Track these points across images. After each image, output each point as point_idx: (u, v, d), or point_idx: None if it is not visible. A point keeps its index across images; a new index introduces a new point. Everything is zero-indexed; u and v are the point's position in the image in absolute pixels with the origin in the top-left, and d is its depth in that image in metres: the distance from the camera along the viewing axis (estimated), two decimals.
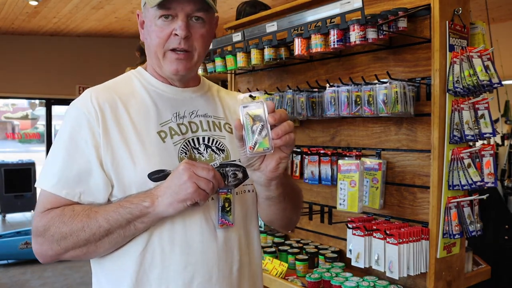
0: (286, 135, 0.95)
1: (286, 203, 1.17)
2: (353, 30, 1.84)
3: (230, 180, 1.16)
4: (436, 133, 1.78)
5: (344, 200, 1.93)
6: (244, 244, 1.20)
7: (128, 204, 1.04)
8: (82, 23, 7.33)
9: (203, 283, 1.10)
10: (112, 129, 1.09)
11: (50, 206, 1.08)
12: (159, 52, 1.13)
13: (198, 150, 1.16)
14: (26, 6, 6.25)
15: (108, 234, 1.04)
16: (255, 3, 3.07)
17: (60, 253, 1.07)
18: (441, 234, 1.79)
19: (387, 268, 1.79)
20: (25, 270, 5.19)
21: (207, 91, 1.28)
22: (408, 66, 1.95)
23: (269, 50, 2.27)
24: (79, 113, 1.10)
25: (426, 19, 1.85)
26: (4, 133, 15.23)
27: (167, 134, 1.14)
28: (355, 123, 2.20)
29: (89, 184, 1.08)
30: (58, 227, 1.04)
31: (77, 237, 1.04)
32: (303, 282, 2.06)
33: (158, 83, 1.20)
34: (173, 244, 1.09)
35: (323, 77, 2.33)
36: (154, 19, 1.11)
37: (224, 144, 1.20)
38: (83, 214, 1.05)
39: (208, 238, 1.11)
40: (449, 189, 1.77)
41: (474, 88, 1.75)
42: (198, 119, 1.20)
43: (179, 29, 1.08)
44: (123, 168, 1.08)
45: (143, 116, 1.14)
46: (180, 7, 1.08)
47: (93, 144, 1.08)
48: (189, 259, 1.09)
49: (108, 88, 1.17)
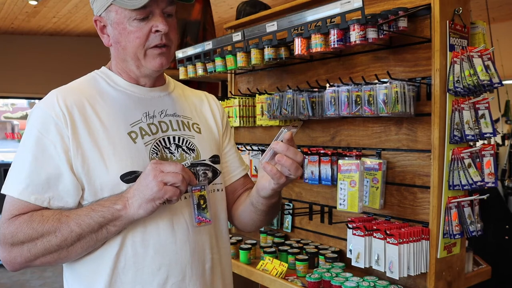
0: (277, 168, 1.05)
1: (266, 216, 1.25)
2: (353, 30, 1.84)
3: (201, 179, 1.19)
4: (436, 133, 1.77)
5: (344, 200, 1.93)
6: (215, 243, 1.22)
7: (100, 208, 1.03)
8: (81, 22, 7.33)
9: (177, 283, 1.11)
10: (81, 131, 1.07)
11: (18, 213, 1.05)
12: (139, 52, 1.12)
13: (170, 150, 1.16)
14: (26, 6, 6.25)
15: (80, 239, 1.03)
16: (255, 3, 3.07)
17: (29, 260, 1.04)
18: (442, 234, 1.78)
19: (387, 268, 1.79)
20: (25, 270, 5.19)
21: (173, 90, 1.29)
22: (409, 66, 1.95)
23: (269, 50, 2.27)
24: (46, 116, 1.07)
25: (426, 19, 1.85)
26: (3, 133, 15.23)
27: (138, 134, 1.13)
28: (355, 123, 2.20)
29: (58, 189, 1.06)
30: (27, 233, 1.01)
31: (48, 242, 1.02)
32: (303, 282, 2.06)
33: (125, 83, 1.19)
34: (147, 246, 1.09)
35: (323, 77, 2.33)
36: (127, 21, 1.09)
37: (193, 143, 1.21)
38: (53, 219, 1.02)
39: (181, 239, 1.12)
40: (450, 189, 1.77)
41: (475, 88, 1.75)
42: (168, 119, 1.20)
43: (160, 25, 1.09)
44: (94, 171, 1.06)
45: (113, 117, 1.12)
46: (155, 4, 1.09)
47: (62, 148, 1.05)
48: (163, 260, 1.10)
49: (74, 89, 1.15)
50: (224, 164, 1.33)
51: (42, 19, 7.03)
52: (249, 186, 1.37)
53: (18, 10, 6.49)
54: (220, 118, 1.35)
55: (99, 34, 1.18)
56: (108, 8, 1.12)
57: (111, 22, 1.13)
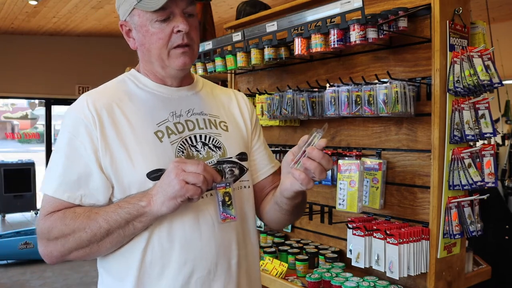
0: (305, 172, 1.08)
1: (290, 215, 1.27)
2: (353, 29, 1.84)
3: (228, 177, 1.20)
4: (436, 133, 1.77)
5: (344, 200, 1.92)
6: (242, 239, 1.23)
7: (126, 205, 1.07)
8: (81, 22, 7.33)
9: (202, 278, 1.14)
10: (109, 132, 1.12)
11: (53, 210, 1.11)
12: (163, 53, 1.15)
13: (196, 148, 1.19)
14: (26, 6, 6.25)
15: (109, 234, 1.07)
16: (255, 3, 3.07)
17: (64, 254, 1.11)
18: (442, 234, 1.78)
19: (387, 268, 1.79)
20: (25, 270, 5.18)
21: (201, 89, 1.31)
22: (409, 66, 1.94)
23: (269, 50, 2.27)
24: (77, 119, 1.13)
25: (426, 19, 1.85)
26: (3, 133, 15.23)
27: (164, 133, 1.16)
28: (355, 123, 2.20)
29: (89, 187, 1.11)
30: (60, 229, 1.08)
31: (79, 238, 1.07)
32: (303, 282, 2.06)
33: (153, 84, 1.22)
34: (172, 241, 1.12)
35: (323, 77, 2.33)
36: (149, 23, 1.13)
37: (220, 141, 1.23)
38: (84, 216, 1.08)
39: (207, 234, 1.15)
40: (450, 189, 1.77)
41: (475, 88, 1.75)
42: (195, 117, 1.22)
43: (181, 25, 1.12)
44: (122, 169, 1.11)
45: (140, 117, 1.16)
46: (175, 5, 1.12)
47: (91, 148, 1.11)
48: (188, 255, 1.13)
49: (103, 92, 1.20)
50: (253, 162, 1.35)
51: (42, 19, 7.03)
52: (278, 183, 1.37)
53: (18, 10, 6.49)
54: (249, 116, 1.36)
55: (125, 38, 1.23)
56: (131, 13, 1.16)
57: (135, 26, 1.18)
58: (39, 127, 11.75)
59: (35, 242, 5.44)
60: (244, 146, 1.30)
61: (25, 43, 8.13)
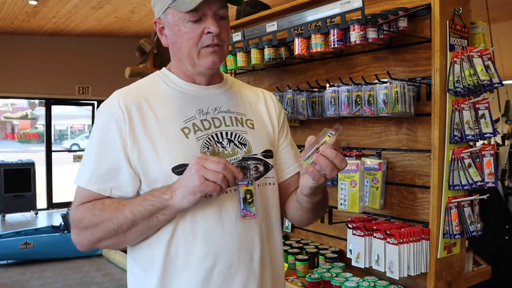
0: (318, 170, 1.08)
1: (311, 213, 1.29)
2: (353, 29, 1.84)
3: (252, 173, 1.23)
4: (436, 133, 1.77)
5: (345, 200, 1.93)
6: (265, 235, 1.26)
7: (151, 197, 1.12)
8: (81, 22, 7.33)
9: (224, 271, 1.17)
10: (138, 127, 1.17)
11: (84, 201, 1.17)
12: (193, 52, 1.19)
13: (222, 144, 1.22)
14: (26, 6, 6.25)
15: (134, 225, 1.13)
16: (255, 3, 3.06)
17: (94, 243, 1.17)
18: (442, 234, 1.78)
19: (387, 268, 1.79)
20: (25, 270, 5.18)
21: (230, 87, 1.34)
22: (409, 66, 1.94)
23: (269, 50, 2.27)
24: (108, 115, 1.18)
25: (426, 19, 1.85)
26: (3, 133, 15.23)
27: (191, 130, 1.20)
28: (355, 123, 2.20)
29: (118, 180, 1.16)
30: (90, 219, 1.14)
31: (107, 228, 1.13)
32: (303, 282, 2.06)
33: (182, 82, 1.27)
34: (195, 234, 1.16)
35: (323, 77, 2.33)
36: (182, 22, 1.18)
37: (246, 138, 1.26)
38: (112, 207, 1.14)
39: (229, 228, 1.18)
40: (450, 189, 1.77)
41: (475, 88, 1.75)
42: (221, 115, 1.26)
43: (212, 27, 1.16)
44: (149, 163, 1.16)
45: (168, 114, 1.21)
46: (207, 7, 1.16)
47: (121, 143, 1.16)
48: (210, 248, 1.16)
49: (134, 89, 1.25)
50: (279, 160, 1.37)
51: (42, 19, 7.03)
52: None
53: (18, 10, 6.49)
54: (276, 116, 1.39)
55: (158, 35, 1.27)
56: (165, 11, 1.21)
57: (168, 24, 1.22)
58: (39, 127, 11.75)
59: (35, 242, 5.44)
60: (270, 144, 1.32)
61: (25, 43, 8.12)
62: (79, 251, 1.23)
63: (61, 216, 6.03)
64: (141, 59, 5.49)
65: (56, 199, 8.91)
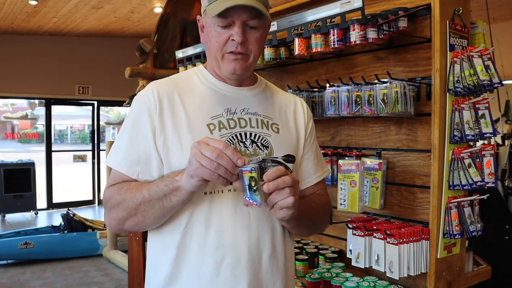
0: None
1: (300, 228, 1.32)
2: (353, 29, 1.84)
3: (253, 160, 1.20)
4: (436, 133, 1.77)
5: (345, 200, 1.93)
6: (279, 235, 1.29)
7: (166, 179, 1.18)
8: (81, 22, 7.34)
9: (232, 264, 1.20)
10: (167, 117, 1.23)
11: (114, 182, 1.25)
12: (218, 55, 1.25)
13: (244, 144, 1.26)
14: (26, 6, 6.25)
15: (150, 205, 1.18)
16: None
17: (120, 223, 1.24)
18: (442, 234, 1.78)
19: (387, 268, 1.79)
20: (25, 270, 5.18)
21: (262, 90, 1.38)
22: (409, 66, 1.94)
23: (269, 49, 2.27)
24: (142, 103, 1.25)
25: (426, 19, 1.85)
26: (3, 133, 15.23)
27: (216, 126, 1.25)
28: (355, 123, 2.20)
29: (146, 165, 1.23)
30: (116, 198, 1.22)
31: (127, 206, 1.19)
32: (303, 282, 2.06)
33: (215, 80, 1.32)
34: (209, 226, 1.21)
35: (323, 77, 2.33)
36: (213, 26, 1.23)
37: (269, 141, 1.29)
38: (135, 188, 1.20)
39: (241, 224, 1.22)
40: (450, 189, 1.77)
41: (475, 88, 1.75)
42: (248, 116, 1.30)
43: (236, 35, 1.20)
44: (172, 151, 1.22)
45: (196, 109, 1.26)
46: (236, 15, 1.20)
47: (150, 129, 1.22)
48: (222, 241, 1.20)
49: (169, 81, 1.32)
50: (300, 170, 1.39)
51: (42, 19, 7.03)
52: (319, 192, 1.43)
53: (18, 10, 6.49)
54: (304, 124, 1.40)
55: (199, 32, 1.32)
56: (204, 12, 1.27)
57: (204, 24, 1.29)
58: (39, 127, 11.73)
59: (35, 242, 5.44)
60: (293, 150, 1.35)
61: (25, 43, 8.13)
62: (79, 251, 1.25)
63: (61, 216, 6.03)
64: (141, 59, 5.48)
65: (56, 199, 8.92)
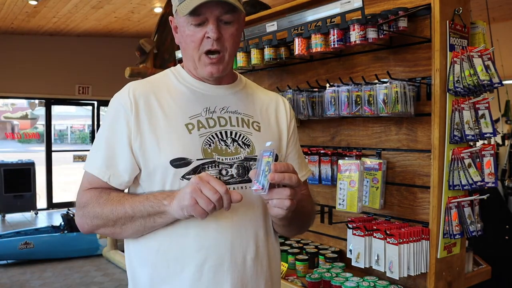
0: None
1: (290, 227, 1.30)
2: (353, 29, 1.84)
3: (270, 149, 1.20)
4: (436, 133, 1.77)
5: (344, 200, 1.93)
6: (263, 236, 1.26)
7: (153, 199, 1.15)
8: (81, 22, 7.33)
9: (214, 267, 1.18)
10: (143, 118, 1.21)
11: (89, 185, 1.23)
12: (195, 55, 1.22)
13: (225, 143, 1.24)
14: (26, 6, 6.25)
15: (132, 221, 1.16)
16: (255, 3, 3.06)
17: (93, 229, 1.22)
18: (442, 234, 1.78)
19: (387, 268, 1.79)
20: (25, 270, 5.18)
21: (242, 89, 1.36)
22: (409, 66, 1.94)
23: (269, 50, 2.27)
24: (118, 105, 1.23)
25: (426, 19, 1.85)
26: (3, 133, 15.24)
27: (194, 126, 1.23)
28: (355, 123, 2.20)
29: (118, 168, 1.21)
30: (94, 207, 1.19)
31: (106, 218, 1.17)
32: (303, 282, 2.06)
33: (193, 80, 1.29)
34: (188, 227, 1.18)
35: (323, 77, 2.33)
36: (186, 25, 1.21)
37: (250, 140, 1.27)
38: (115, 200, 1.18)
39: (223, 225, 1.19)
40: (450, 189, 1.77)
41: (475, 88, 1.75)
42: (228, 115, 1.28)
43: (210, 32, 1.17)
44: (149, 153, 1.19)
45: (174, 109, 1.24)
46: (209, 12, 1.17)
47: (126, 131, 1.20)
48: (203, 242, 1.18)
49: (147, 82, 1.30)
50: None
51: (42, 19, 7.03)
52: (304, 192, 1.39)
53: (18, 10, 6.49)
54: (286, 123, 1.39)
55: (173, 33, 1.30)
56: (176, 12, 1.25)
57: (177, 24, 1.27)
58: (39, 127, 11.74)
59: (35, 242, 5.44)
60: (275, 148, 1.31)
61: (25, 43, 8.12)
62: (79, 251, 1.25)
63: (61, 216, 6.03)
64: (141, 59, 5.49)
65: (56, 199, 8.91)
